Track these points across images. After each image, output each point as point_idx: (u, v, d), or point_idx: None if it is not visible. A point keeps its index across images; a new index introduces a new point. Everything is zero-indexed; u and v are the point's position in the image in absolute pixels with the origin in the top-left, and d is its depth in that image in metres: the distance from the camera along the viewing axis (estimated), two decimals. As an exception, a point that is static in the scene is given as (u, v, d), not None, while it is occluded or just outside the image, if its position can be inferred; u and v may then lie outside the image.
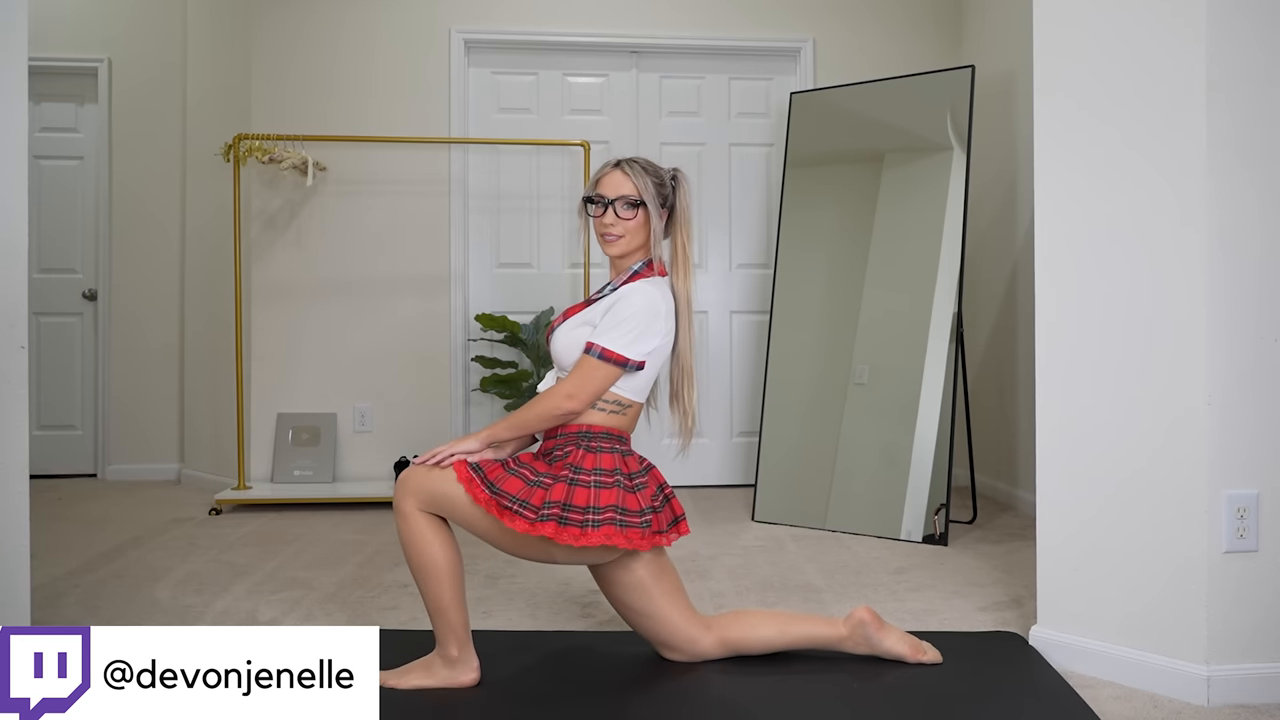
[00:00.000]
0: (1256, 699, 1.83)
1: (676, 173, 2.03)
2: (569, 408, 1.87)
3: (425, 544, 1.82)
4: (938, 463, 3.28)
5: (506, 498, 1.79)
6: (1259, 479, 1.86)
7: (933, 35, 4.43)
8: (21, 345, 1.85)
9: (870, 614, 2.01)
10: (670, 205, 2.00)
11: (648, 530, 1.85)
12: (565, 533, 1.77)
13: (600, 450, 1.87)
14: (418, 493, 1.83)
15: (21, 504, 1.85)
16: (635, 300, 1.90)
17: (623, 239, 1.96)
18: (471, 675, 1.88)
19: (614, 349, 1.86)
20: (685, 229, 2.00)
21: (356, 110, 4.19)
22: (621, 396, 1.92)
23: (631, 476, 1.88)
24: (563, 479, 1.81)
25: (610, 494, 1.81)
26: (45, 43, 4.48)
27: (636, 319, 1.88)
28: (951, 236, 3.39)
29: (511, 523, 1.77)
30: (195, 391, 4.47)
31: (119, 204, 4.61)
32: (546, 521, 1.76)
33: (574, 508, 1.78)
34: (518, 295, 4.31)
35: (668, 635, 1.96)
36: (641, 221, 1.96)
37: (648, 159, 2.02)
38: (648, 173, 1.97)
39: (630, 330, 1.87)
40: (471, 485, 1.80)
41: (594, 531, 1.78)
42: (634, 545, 1.82)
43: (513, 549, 1.86)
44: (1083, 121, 2.03)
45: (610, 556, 1.88)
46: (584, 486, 1.81)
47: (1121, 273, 1.97)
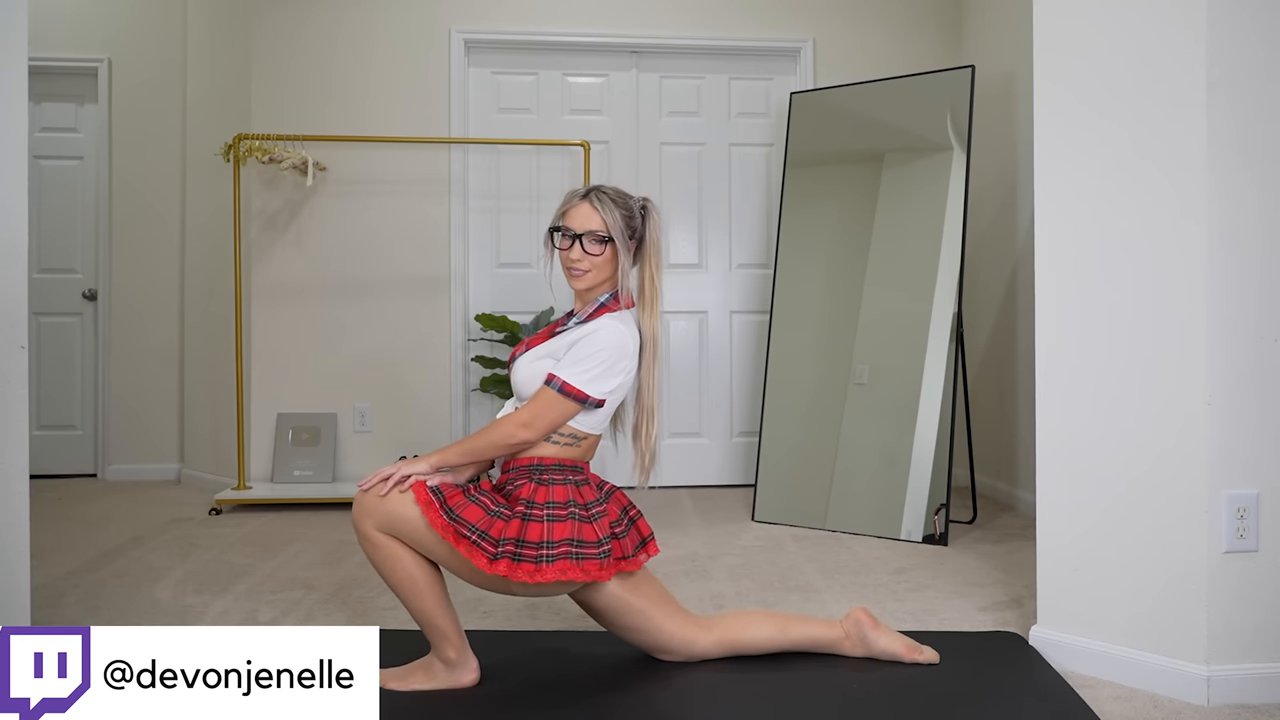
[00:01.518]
0: (1256, 699, 1.83)
1: (646, 203, 2.00)
2: (523, 437, 1.84)
3: (396, 561, 1.80)
4: (938, 463, 3.28)
5: (465, 525, 1.75)
6: (1259, 479, 1.86)
7: (933, 35, 4.43)
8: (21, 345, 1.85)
9: (866, 614, 2.01)
10: (639, 237, 1.97)
11: (608, 559, 1.81)
12: (519, 569, 1.74)
13: (553, 483, 1.84)
14: (374, 514, 1.79)
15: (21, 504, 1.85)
16: (604, 337, 1.87)
17: (589, 274, 1.94)
18: (471, 675, 1.88)
19: (575, 384, 1.84)
20: (654, 261, 1.97)
21: (356, 110, 4.19)
22: (576, 430, 1.90)
23: (588, 507, 1.84)
24: (517, 514, 1.78)
25: (564, 527, 1.78)
26: (45, 43, 4.48)
27: (603, 356, 1.86)
28: (951, 236, 3.39)
29: (469, 555, 1.74)
30: (195, 391, 4.47)
31: (119, 204, 4.61)
32: (501, 559, 1.73)
33: (528, 544, 1.75)
34: (518, 295, 4.31)
35: (661, 642, 1.96)
36: (609, 257, 1.93)
37: (617, 189, 1.99)
38: (617, 205, 1.94)
39: (594, 367, 1.85)
40: (430, 509, 1.76)
41: (548, 567, 1.74)
42: (592, 577, 1.79)
43: (469, 578, 1.83)
44: (1083, 118, 2.03)
45: (570, 589, 1.86)
46: (537, 521, 1.77)
47: (1122, 271, 1.97)
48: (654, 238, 1.98)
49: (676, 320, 4.41)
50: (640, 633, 1.95)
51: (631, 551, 1.90)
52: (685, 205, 4.41)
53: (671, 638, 1.95)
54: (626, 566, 1.88)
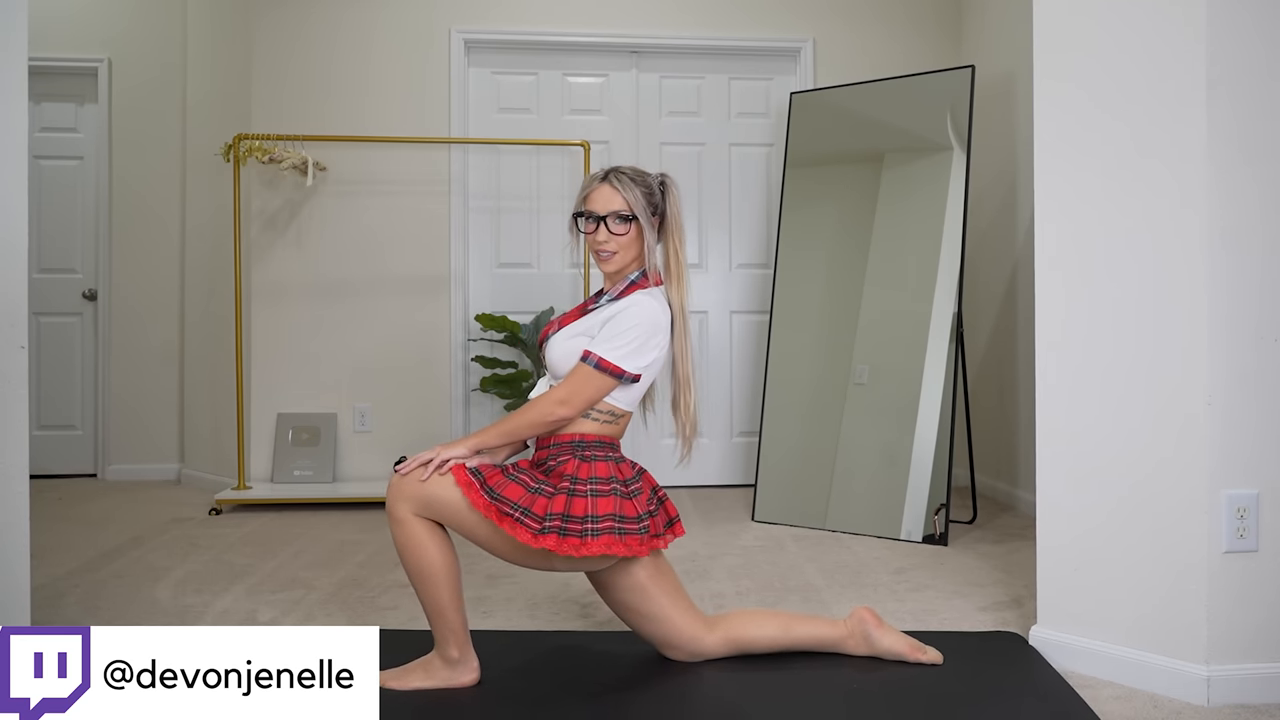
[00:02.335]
0: (1256, 699, 1.83)
1: (665, 178, 2.01)
2: (562, 414, 1.86)
3: (421, 548, 1.81)
4: (938, 463, 3.28)
5: (508, 504, 1.77)
6: (1259, 479, 1.86)
7: (933, 35, 4.43)
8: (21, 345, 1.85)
9: (870, 613, 2.01)
10: (661, 213, 1.99)
11: (646, 535, 1.84)
12: (566, 544, 1.76)
13: (595, 459, 1.86)
14: (413, 498, 1.80)
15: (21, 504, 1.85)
16: (636, 313, 1.89)
17: (617, 255, 1.95)
18: (471, 675, 1.88)
19: (612, 360, 1.86)
20: (678, 235, 1.99)
21: (356, 110, 4.19)
22: (615, 407, 1.91)
23: (627, 483, 1.87)
24: (561, 489, 1.80)
25: (607, 502, 1.81)
26: (45, 43, 4.48)
27: (637, 332, 1.88)
28: (951, 236, 3.39)
29: (514, 531, 1.76)
30: (195, 391, 4.47)
31: (119, 204, 4.61)
32: (548, 534, 1.75)
33: (573, 518, 1.77)
34: (518, 295, 4.31)
35: (669, 635, 1.96)
36: (635, 235, 1.94)
37: (634, 167, 2.00)
38: (636, 183, 1.95)
39: (630, 343, 1.87)
40: (471, 490, 1.78)
41: (594, 541, 1.77)
42: (633, 552, 1.82)
43: (511, 556, 1.85)
44: (1083, 117, 2.03)
45: (609, 563, 1.88)
46: (581, 496, 1.80)
47: (1122, 270, 1.97)
48: (675, 212, 1.99)
49: (676, 320, 4.39)
50: (653, 622, 1.95)
51: (662, 530, 1.93)
52: (685, 205, 4.39)
53: (680, 633, 1.95)
54: (658, 544, 1.90)
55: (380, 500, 3.80)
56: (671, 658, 2.00)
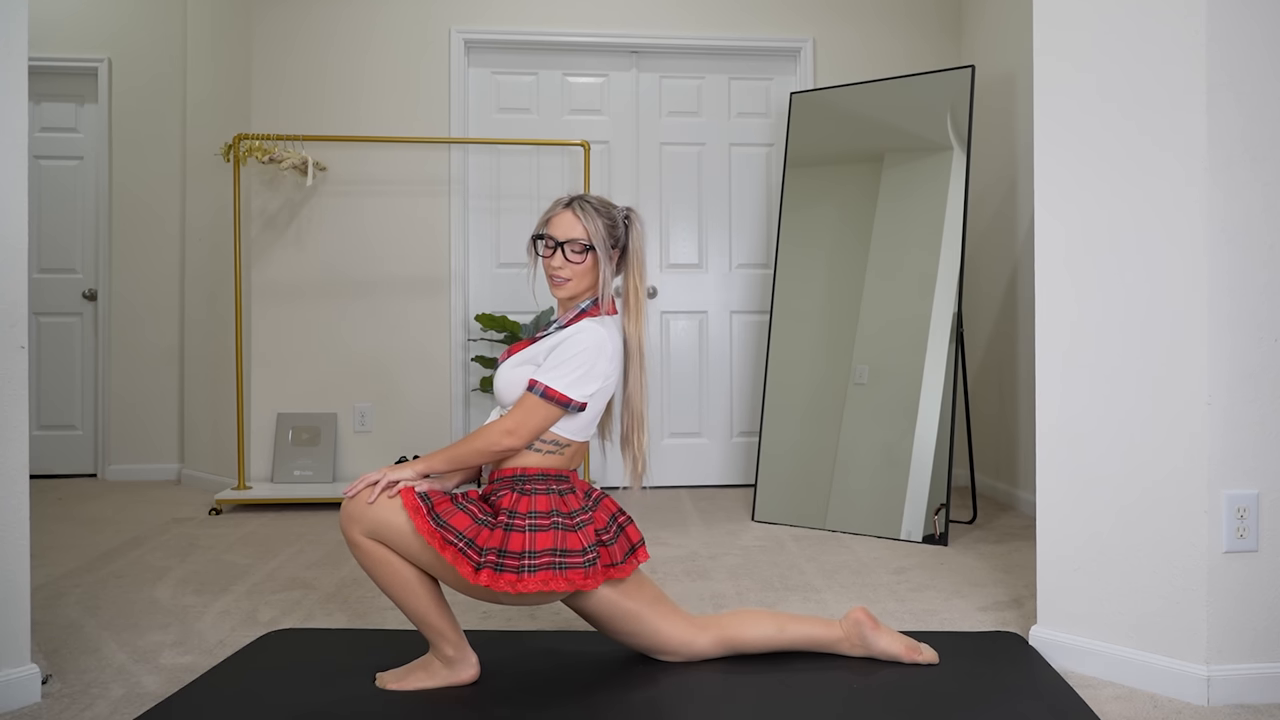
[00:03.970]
0: (1256, 699, 1.83)
1: (629, 213, 2.00)
2: (508, 444, 1.84)
3: (386, 565, 1.80)
4: (938, 463, 3.28)
5: (453, 532, 1.75)
6: (1259, 479, 1.86)
7: (933, 35, 4.43)
8: (21, 345, 1.85)
9: (866, 614, 2.01)
10: (623, 246, 1.98)
11: (593, 567, 1.81)
12: (501, 579, 1.73)
13: (535, 492, 1.83)
14: (361, 520, 1.78)
15: (21, 504, 1.85)
16: (581, 340, 1.87)
17: (571, 282, 1.94)
18: (471, 672, 1.88)
19: (556, 388, 1.84)
20: (638, 270, 1.97)
21: (356, 110, 4.19)
22: (559, 436, 1.89)
23: (572, 515, 1.83)
24: (499, 524, 1.78)
25: (546, 537, 1.77)
26: (45, 43, 4.48)
27: (581, 359, 1.86)
28: (951, 236, 3.39)
29: (455, 562, 1.73)
30: (195, 391, 4.47)
31: (119, 204, 4.61)
32: (483, 569, 1.73)
33: (509, 553, 1.74)
34: (518, 295, 4.31)
35: (658, 644, 1.96)
36: (590, 265, 1.93)
37: (600, 198, 1.99)
38: (599, 214, 1.94)
39: (574, 370, 1.85)
40: (418, 515, 1.76)
41: (530, 577, 1.74)
42: (575, 586, 1.78)
43: (455, 586, 1.82)
44: (1084, 117, 2.03)
45: (554, 598, 1.86)
46: (519, 531, 1.77)
47: (1122, 270, 1.97)
48: (637, 247, 1.98)
49: (676, 320, 4.41)
50: (636, 636, 1.95)
51: (621, 559, 1.89)
52: (685, 205, 4.41)
53: (669, 639, 1.95)
54: (615, 574, 1.88)
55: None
56: (668, 660, 2.00)
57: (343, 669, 1.97)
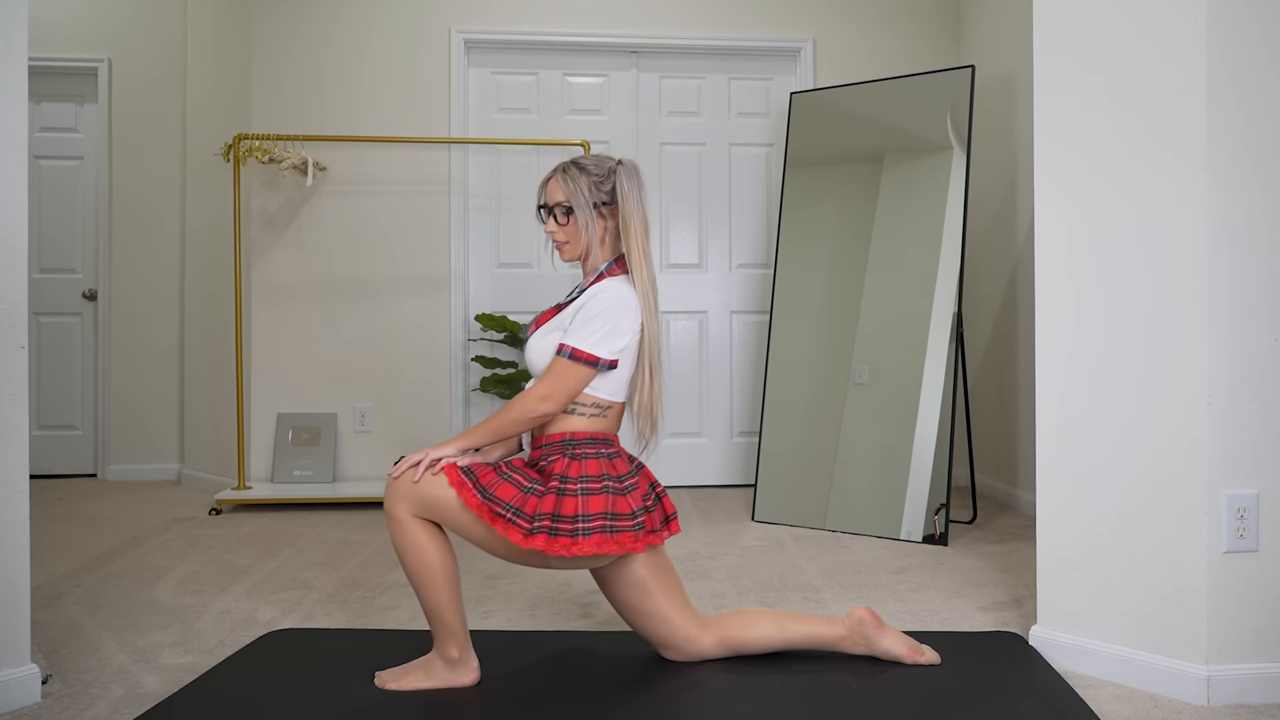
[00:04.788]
0: (1256, 699, 1.83)
1: (616, 164, 1.99)
2: (543, 410, 1.86)
3: (420, 549, 1.81)
4: (938, 463, 3.28)
5: (500, 504, 1.77)
6: (1259, 479, 1.86)
7: (933, 35, 4.43)
8: (21, 345, 1.85)
9: (870, 613, 2.01)
10: (614, 199, 1.97)
11: (641, 532, 1.84)
12: (556, 544, 1.76)
13: (585, 457, 1.85)
14: (409, 498, 1.81)
15: (21, 504, 1.85)
16: (602, 299, 1.89)
17: (567, 245, 1.96)
18: (471, 675, 1.88)
19: (584, 348, 1.85)
20: (633, 220, 1.95)
21: (356, 110, 4.19)
22: (599, 399, 1.91)
23: (621, 479, 1.87)
24: (551, 489, 1.80)
25: (599, 500, 1.80)
26: (45, 43, 4.48)
27: (604, 317, 1.87)
28: (951, 236, 3.39)
29: (505, 531, 1.76)
30: (195, 391, 4.47)
31: (119, 204, 4.61)
32: (538, 534, 1.75)
33: (563, 518, 1.77)
34: (518, 295, 4.31)
35: (666, 634, 1.96)
36: (577, 225, 1.95)
37: (596, 156, 2.00)
38: (584, 172, 1.95)
39: (599, 329, 1.86)
40: (464, 490, 1.78)
41: (584, 540, 1.77)
42: (627, 549, 1.82)
43: (505, 554, 1.85)
44: (1084, 116, 2.03)
45: (605, 562, 1.88)
46: (571, 495, 1.79)
47: (1122, 270, 1.97)
48: (624, 196, 1.96)
49: (676, 320, 4.41)
50: (651, 619, 1.95)
51: (659, 526, 1.92)
52: (685, 205, 4.41)
53: (675, 631, 1.95)
54: (654, 540, 1.90)
55: (380, 500, 3.80)
56: (669, 658, 2.00)
57: (343, 669, 1.97)
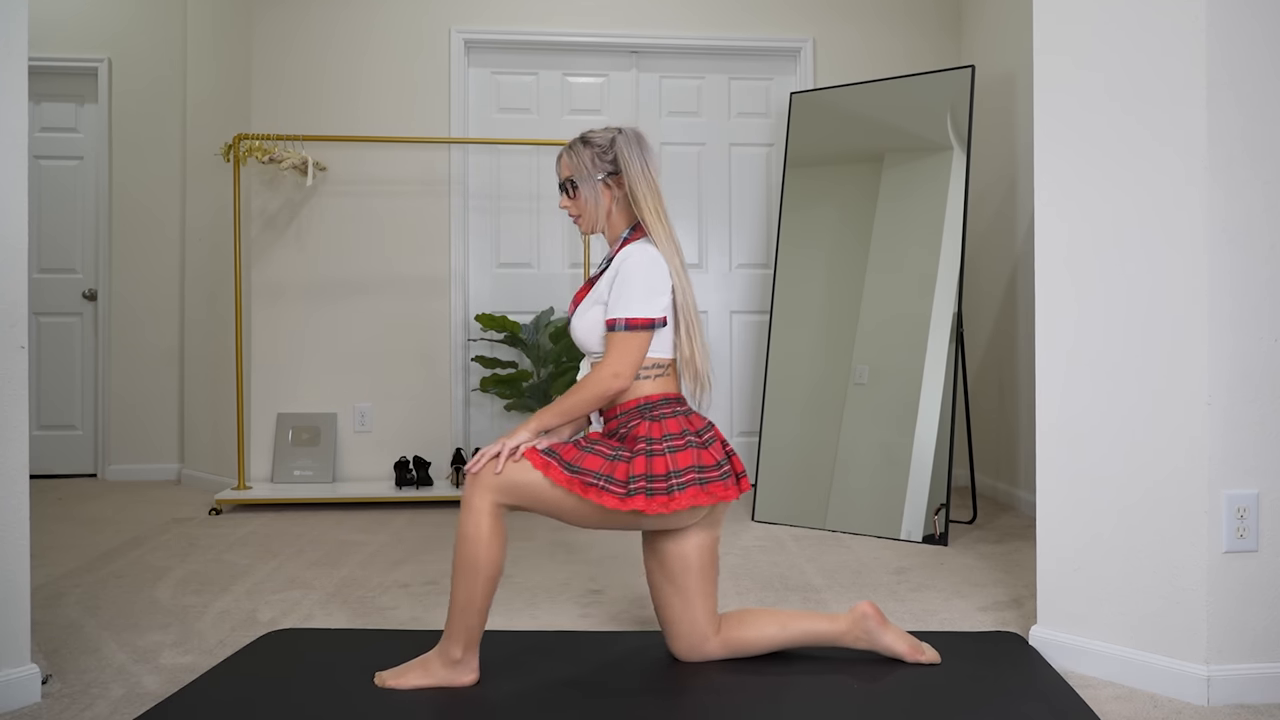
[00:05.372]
0: (1256, 699, 1.83)
1: (618, 132, 2.01)
2: (618, 386, 1.89)
3: (480, 541, 1.82)
4: (938, 463, 3.28)
5: (589, 474, 1.81)
6: (1259, 479, 1.86)
7: (933, 35, 4.43)
8: (21, 345, 1.85)
9: (873, 608, 2.01)
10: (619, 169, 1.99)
11: (729, 479, 1.89)
12: (655, 502, 1.80)
13: (664, 417, 1.90)
14: (494, 487, 1.82)
15: (21, 504, 1.85)
16: (631, 262, 1.92)
17: (582, 218, 2.02)
18: (471, 677, 1.88)
19: (635, 315, 1.89)
20: (641, 185, 1.97)
21: (356, 110, 4.19)
22: (659, 358, 1.95)
23: (700, 433, 1.92)
24: (639, 451, 1.84)
25: (686, 455, 1.85)
26: (45, 43, 4.48)
27: (640, 278, 1.90)
28: (951, 236, 3.39)
29: (600, 499, 1.80)
30: (195, 391, 4.47)
31: (119, 204, 4.61)
32: (635, 495, 1.80)
33: (656, 477, 1.82)
34: (518, 295, 4.31)
35: (689, 623, 1.97)
36: (588, 196, 1.99)
37: (602, 130, 2.02)
38: (586, 145, 2.00)
39: (639, 290, 1.89)
40: (550, 469, 1.82)
41: (680, 494, 1.81)
42: (719, 498, 1.87)
43: (599, 523, 1.88)
44: (1084, 116, 2.03)
45: (699, 515, 1.91)
46: (660, 455, 1.84)
47: (1122, 270, 1.97)
48: (626, 163, 1.98)
49: (676, 320, 4.40)
50: (685, 601, 1.96)
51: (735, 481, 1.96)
52: (685, 205, 4.41)
53: (697, 623, 1.96)
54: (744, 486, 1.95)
55: (381, 500, 3.80)
56: (674, 652, 2.00)
57: (343, 669, 1.97)
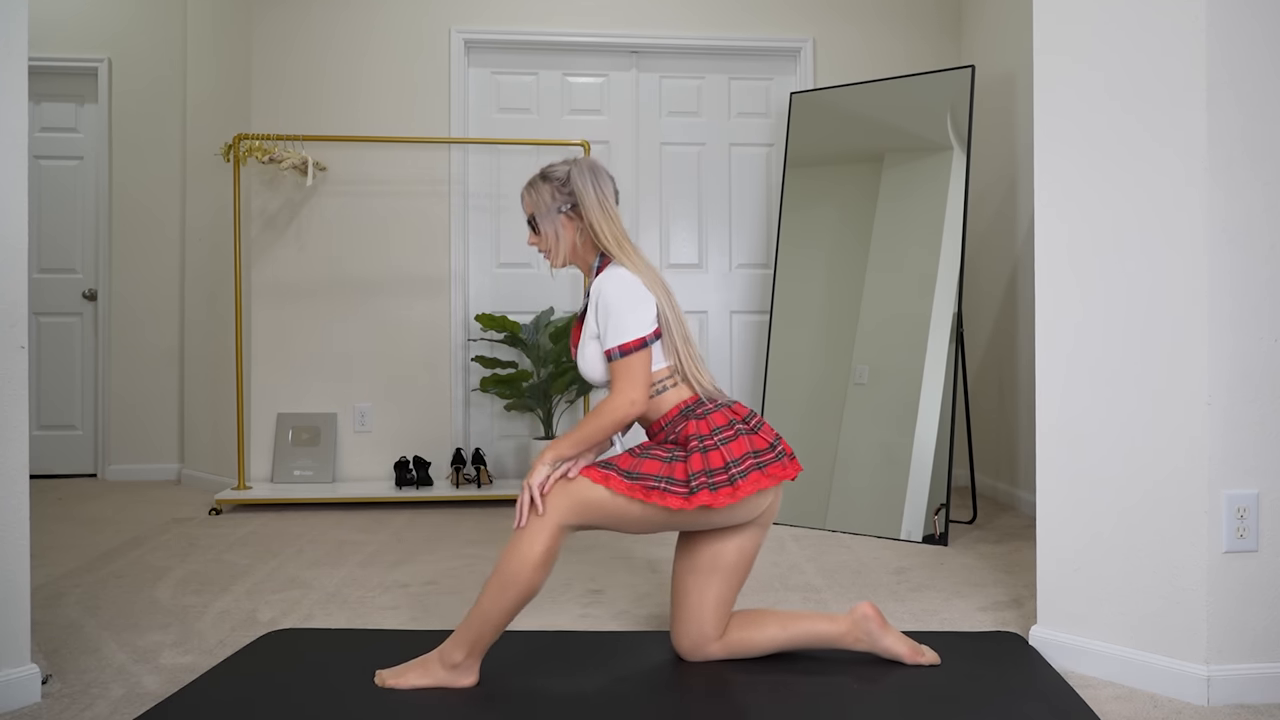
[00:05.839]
0: (1256, 699, 1.83)
1: (571, 165, 2.00)
2: (636, 411, 1.90)
3: (530, 563, 1.80)
4: (938, 463, 3.28)
5: (649, 479, 1.82)
6: (1259, 479, 1.86)
7: (933, 35, 4.43)
8: (21, 345, 1.85)
9: (874, 610, 2.01)
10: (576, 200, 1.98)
11: (785, 458, 1.91)
12: (719, 495, 1.81)
13: (708, 413, 1.90)
14: (563, 509, 1.81)
15: (21, 504, 1.85)
16: (608, 290, 1.92)
17: (549, 254, 2.02)
18: (469, 680, 1.88)
19: (627, 339, 1.89)
20: (593, 215, 1.96)
21: (356, 110, 4.19)
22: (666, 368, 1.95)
23: (747, 420, 1.93)
24: (693, 450, 1.85)
25: (739, 444, 1.86)
26: (45, 43, 4.48)
27: (621, 302, 1.90)
28: (951, 236, 3.39)
29: (664, 501, 1.81)
30: (195, 391, 4.47)
31: (119, 204, 4.61)
32: (698, 492, 1.80)
33: (715, 470, 1.83)
34: (518, 295, 4.31)
35: (696, 621, 1.97)
36: (551, 232, 1.99)
37: (560, 163, 2.02)
38: (545, 180, 2.00)
39: (624, 314, 1.90)
40: (610, 480, 1.83)
41: (743, 482, 1.83)
42: (780, 478, 1.88)
43: (665, 525, 1.89)
44: (1084, 116, 2.03)
45: (765, 501, 1.92)
46: (714, 449, 1.85)
47: (1122, 270, 1.97)
48: (582, 193, 1.98)
49: (676, 320, 4.40)
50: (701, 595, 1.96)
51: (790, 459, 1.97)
52: (685, 205, 4.41)
53: (703, 624, 1.97)
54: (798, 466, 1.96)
55: (380, 500, 3.81)
56: (676, 647, 2.01)
57: (343, 669, 1.97)
